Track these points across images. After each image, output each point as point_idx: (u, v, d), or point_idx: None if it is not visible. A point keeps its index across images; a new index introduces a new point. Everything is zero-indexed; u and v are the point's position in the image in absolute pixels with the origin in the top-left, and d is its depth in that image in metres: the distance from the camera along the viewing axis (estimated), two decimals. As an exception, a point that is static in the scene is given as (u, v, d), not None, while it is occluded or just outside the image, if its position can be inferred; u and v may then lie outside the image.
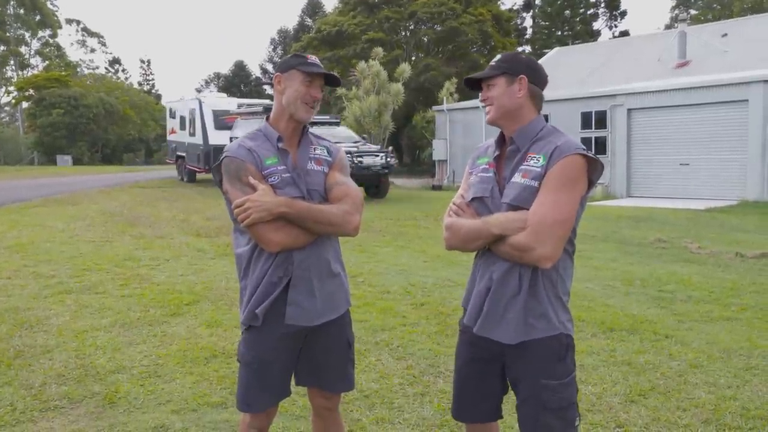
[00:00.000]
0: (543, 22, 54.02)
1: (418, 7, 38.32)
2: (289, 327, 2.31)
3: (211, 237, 9.89)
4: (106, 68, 70.66)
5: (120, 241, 9.40)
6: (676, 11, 51.43)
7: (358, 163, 15.42)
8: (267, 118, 2.43)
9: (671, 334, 4.96)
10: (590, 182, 2.11)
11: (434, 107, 26.62)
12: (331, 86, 2.45)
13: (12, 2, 58.27)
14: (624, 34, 49.83)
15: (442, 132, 25.26)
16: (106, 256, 8.15)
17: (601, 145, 19.78)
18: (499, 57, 2.21)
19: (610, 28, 54.81)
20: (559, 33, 52.14)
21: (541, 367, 2.10)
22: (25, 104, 54.93)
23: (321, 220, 2.26)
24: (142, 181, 23.82)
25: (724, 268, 7.69)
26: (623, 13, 55.11)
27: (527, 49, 53.60)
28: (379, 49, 25.56)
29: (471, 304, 2.23)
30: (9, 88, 60.38)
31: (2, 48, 58.95)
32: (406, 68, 24.28)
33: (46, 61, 62.77)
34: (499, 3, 46.12)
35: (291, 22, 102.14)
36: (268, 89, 58.27)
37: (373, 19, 40.19)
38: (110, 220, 11.88)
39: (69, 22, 66.20)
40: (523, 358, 2.13)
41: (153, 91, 74.18)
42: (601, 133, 19.92)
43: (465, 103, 24.64)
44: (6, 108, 65.17)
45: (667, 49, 22.33)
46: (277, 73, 2.37)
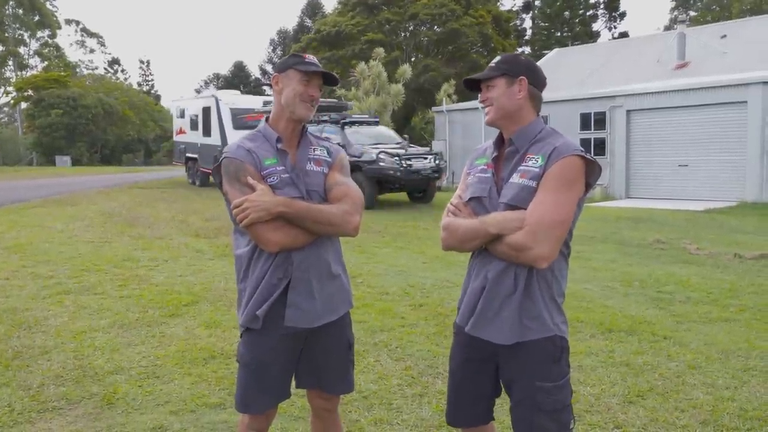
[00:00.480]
0: (542, 23, 54.06)
1: (419, 9, 38.34)
2: (289, 329, 2.30)
3: (210, 238, 9.89)
4: (106, 69, 70.73)
5: (119, 242, 9.40)
6: (676, 12, 51.50)
7: (407, 167, 14.30)
8: (267, 119, 2.43)
9: (670, 335, 4.97)
10: (587, 185, 2.11)
11: (433, 108, 26.63)
12: (329, 85, 2.45)
13: (11, 2, 58.23)
14: (623, 35, 49.91)
15: (441, 133, 25.25)
16: (105, 256, 8.15)
17: (600, 146, 19.79)
18: (499, 58, 2.21)
19: (610, 30, 54.91)
20: (559, 34, 52.19)
21: (535, 369, 2.10)
22: (24, 105, 54.92)
23: (320, 220, 2.25)
24: (142, 182, 23.83)
25: (723, 269, 7.69)
26: (622, 15, 55.18)
27: (527, 50, 53.64)
28: (381, 50, 25.57)
29: (464, 303, 2.22)
30: (8, 89, 60.39)
31: (1, 48, 58.92)
32: (406, 69, 24.31)
33: (45, 62, 62.78)
34: (498, 4, 46.17)
35: (290, 23, 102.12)
36: (267, 90, 58.20)
37: (372, 20, 40.21)
38: (109, 221, 11.88)
39: (68, 22, 66.24)
40: (518, 360, 2.12)
41: (152, 91, 74.19)
42: (600, 134, 19.93)
43: (464, 104, 24.64)
44: (5, 108, 65.16)
45: (667, 51, 22.34)
46: (275, 74, 2.37)
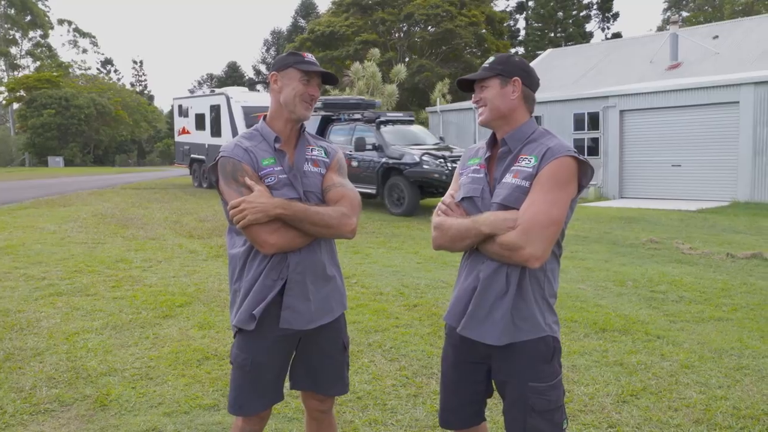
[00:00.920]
0: (536, 24, 54.23)
1: (414, 9, 38.38)
2: (283, 330, 2.29)
3: (203, 238, 9.86)
4: (98, 69, 70.55)
5: (112, 243, 9.36)
6: (668, 13, 51.74)
7: (453, 170, 12.34)
8: (264, 117, 2.41)
9: (663, 334, 4.98)
10: (580, 186, 2.11)
11: (427, 108, 26.66)
12: (327, 84, 2.44)
13: (2, 2, 57.95)
14: (616, 35, 50.12)
15: (435, 133, 25.24)
16: (98, 257, 8.12)
17: (593, 147, 19.85)
18: (493, 59, 2.20)
19: (603, 30, 55.17)
20: (552, 35, 52.37)
21: (528, 370, 2.10)
22: (16, 105, 54.67)
23: (318, 223, 2.24)
24: (135, 183, 23.74)
25: (716, 269, 7.73)
26: (615, 15, 55.44)
27: (520, 50, 53.77)
28: (376, 50, 25.58)
29: (455, 303, 2.22)
30: (0, 89, 60.11)
31: (-7, 48, 58.66)
32: (401, 69, 24.33)
33: (38, 62, 62.52)
34: (492, 5, 46.26)
35: (284, 23, 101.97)
36: (261, 90, 58.09)
37: (366, 21, 40.24)
38: (102, 222, 11.83)
39: (61, 22, 66.03)
40: (510, 361, 2.12)
41: (145, 92, 74.03)
42: (593, 135, 19.98)
43: (458, 105, 24.66)
44: (-3, 109, 64.84)
45: (659, 51, 22.44)
46: (274, 72, 2.34)
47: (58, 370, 4.16)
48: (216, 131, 20.24)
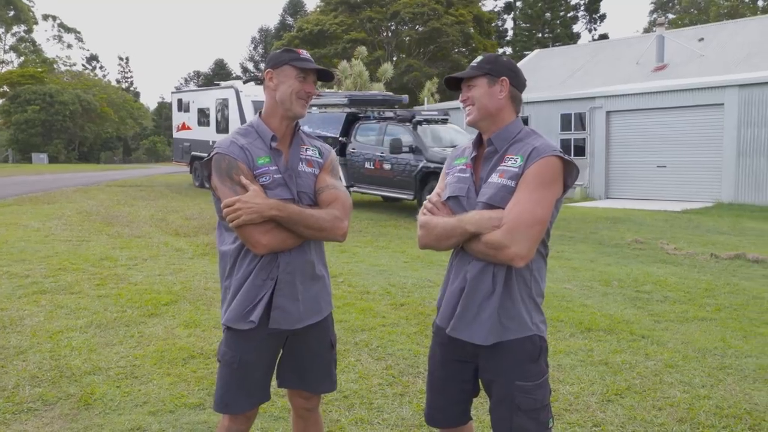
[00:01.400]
0: (524, 24, 54.45)
1: (401, 8, 38.41)
2: (272, 329, 2.29)
3: (189, 236, 9.80)
4: (84, 65, 69.94)
5: (97, 241, 9.28)
6: (655, 15, 52.15)
7: None
8: (259, 114, 2.39)
9: (647, 334, 5.02)
10: (565, 186, 2.12)
11: (416, 107, 26.68)
12: (323, 81, 2.42)
13: (-15, -3, 57.30)
14: (603, 37, 50.42)
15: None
16: (83, 255, 8.05)
17: (580, 147, 19.97)
18: (481, 58, 2.21)
19: (590, 31, 55.52)
20: (540, 35, 52.61)
21: (514, 369, 2.10)
22: (0, 101, 54.03)
23: (312, 226, 2.23)
24: (120, 180, 23.56)
25: (700, 269, 7.80)
26: (602, 17, 55.81)
27: (508, 50, 53.97)
28: (363, 48, 25.55)
29: (444, 305, 2.23)
30: (-18, 85, 59.41)
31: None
32: (388, 68, 24.33)
33: (22, 57, 61.84)
34: (480, 4, 46.38)
35: (272, 21, 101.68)
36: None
37: (354, 19, 40.22)
38: (87, 219, 11.73)
39: (45, 17, 65.32)
40: (497, 360, 2.13)
41: (131, 88, 73.50)
42: (580, 135, 20.10)
43: (446, 104, 24.70)
44: (-20, 104, 64.08)
45: (646, 53, 22.60)
46: (269, 69, 2.32)
47: (42, 369, 4.12)
48: (223, 127, 18.98)
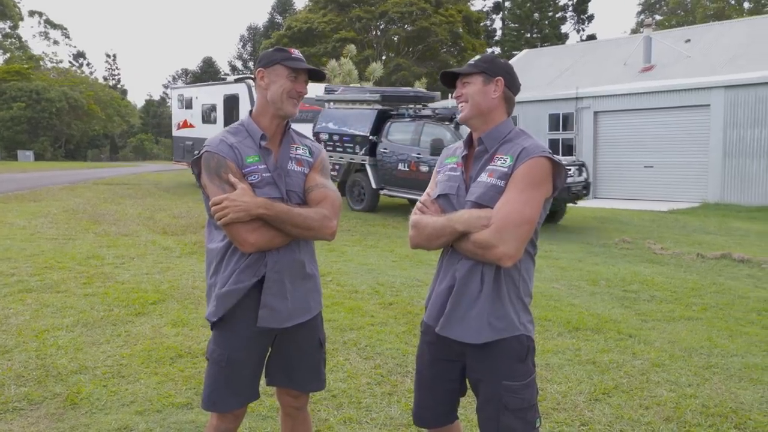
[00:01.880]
0: (512, 24, 54.61)
1: (390, 7, 38.40)
2: (260, 327, 2.29)
3: (177, 235, 9.75)
4: (70, 62, 69.41)
5: (83, 239, 9.21)
6: (642, 16, 52.48)
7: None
8: (250, 113, 2.39)
9: (635, 333, 5.06)
10: (555, 187, 2.13)
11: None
12: (315, 81, 2.42)
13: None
14: (591, 37, 50.67)
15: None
16: (69, 254, 7.98)
17: (567, 147, 20.07)
18: (479, 57, 2.23)
19: (578, 32, 55.78)
20: (528, 35, 52.80)
21: (502, 369, 2.11)
22: (-15, 97, 53.42)
23: (299, 225, 2.24)
24: (107, 178, 23.39)
25: (686, 269, 7.87)
26: (590, 17, 56.07)
27: (497, 50, 54.12)
28: (352, 47, 25.52)
29: (432, 303, 2.24)
30: (-33, 81, 58.74)
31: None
32: (377, 67, 24.32)
33: (7, 54, 61.19)
34: (469, 4, 46.48)
35: (261, 19, 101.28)
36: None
37: (343, 18, 40.17)
38: (73, 218, 11.63)
39: (31, 14, 64.79)
40: (485, 359, 2.14)
41: (119, 86, 73.01)
42: (568, 135, 20.21)
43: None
44: (-35, 101, 63.35)
45: (633, 54, 22.73)
46: (260, 68, 2.32)
47: (27, 368, 4.08)
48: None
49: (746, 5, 49.07)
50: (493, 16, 56.45)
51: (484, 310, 2.09)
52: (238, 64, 67.33)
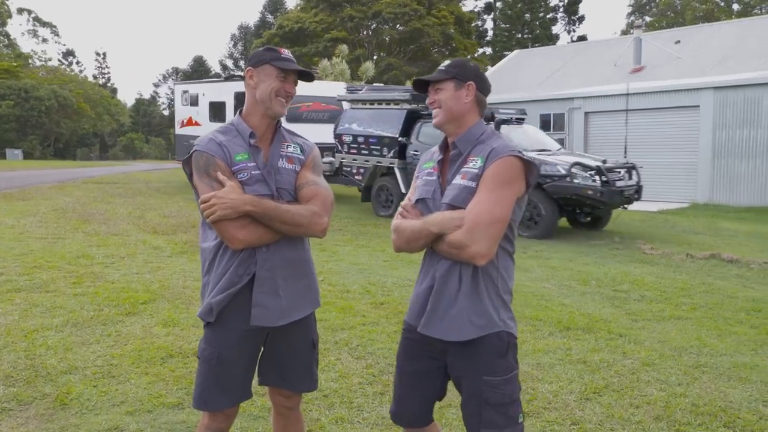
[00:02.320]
0: (503, 25, 54.73)
1: (383, 7, 38.40)
2: (253, 326, 2.29)
3: (168, 234, 9.71)
4: (60, 60, 68.96)
5: (73, 238, 9.15)
6: (632, 17, 52.73)
7: (610, 186, 10.00)
8: (240, 112, 2.39)
9: (625, 332, 5.08)
10: (528, 184, 2.18)
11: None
12: (304, 81, 2.43)
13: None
14: (582, 38, 50.86)
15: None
16: (58, 253, 7.93)
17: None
18: (449, 62, 2.29)
19: (569, 33, 55.97)
20: (519, 36, 52.91)
21: (482, 364, 2.15)
22: (-27, 95, 52.97)
23: (288, 221, 2.24)
24: (97, 177, 23.25)
25: (676, 269, 7.92)
26: (581, 18, 56.30)
27: (488, 50, 54.23)
28: (344, 47, 25.48)
29: (413, 303, 2.29)
30: (-45, 79, 58.18)
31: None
32: (369, 67, 24.31)
33: (-5, 52, 60.69)
34: (461, 5, 46.56)
35: (252, 18, 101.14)
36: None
37: (335, 17, 40.12)
38: (63, 217, 11.55)
39: (20, 11, 64.21)
40: (466, 356, 2.18)
41: (108, 84, 72.62)
42: (559, 135, 20.26)
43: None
44: (-48, 99, 62.76)
45: (624, 55, 22.83)
46: (249, 67, 2.33)
47: (16, 369, 4.05)
48: None
49: (735, 7, 49.44)
50: (485, 17, 56.56)
51: (464, 308, 2.14)
52: (229, 63, 67.15)
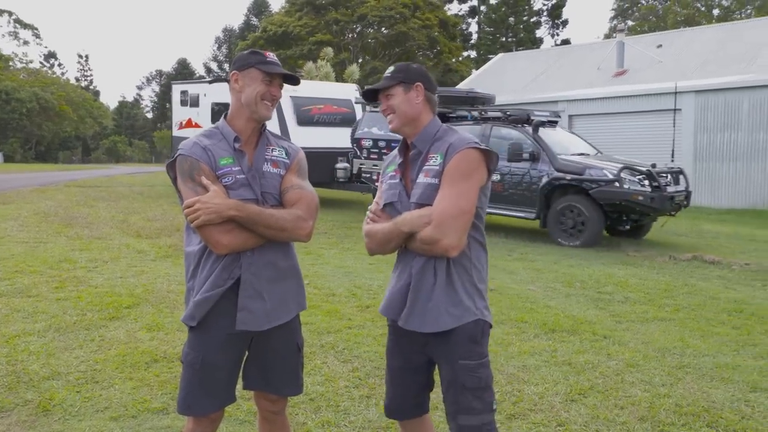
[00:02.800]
0: (488, 28, 54.98)
1: (368, 10, 38.43)
2: (237, 330, 2.28)
3: (152, 238, 9.63)
4: (41, 62, 68.27)
5: (55, 242, 9.05)
6: (615, 22, 53.19)
7: (661, 192, 9.61)
8: (225, 116, 2.38)
9: (609, 334, 5.12)
10: (489, 172, 2.25)
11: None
12: (289, 85, 2.42)
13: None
14: (565, 42, 51.28)
15: (388, 134, 25.29)
16: (40, 257, 7.83)
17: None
18: (393, 68, 2.36)
19: (553, 36, 56.33)
20: (504, 39, 53.20)
21: (458, 349, 2.23)
22: (-47, 98, 52.25)
23: (272, 226, 2.23)
24: (79, 180, 23.01)
25: (659, 271, 7.99)
26: (565, 22, 56.75)
27: (472, 54, 54.47)
28: (329, 50, 25.46)
29: (391, 299, 2.34)
30: (-66, 81, 57.33)
31: (-73, 38, 55.97)
32: (354, 70, 24.30)
33: (-24, 54, 59.91)
34: (446, 8, 46.71)
35: (236, 21, 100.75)
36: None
37: (319, 21, 40.08)
38: (44, 220, 11.42)
39: (1, 13, 63.46)
40: (444, 344, 2.25)
41: (91, 87, 72.03)
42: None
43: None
44: (-69, 101, 61.84)
45: (607, 58, 23.04)
46: (234, 71, 2.32)
47: (-2, 375, 4.00)
48: None
49: (715, 12, 50.07)
50: (469, 20, 56.81)
51: (441, 301, 2.21)
52: (214, 66, 66.87)
